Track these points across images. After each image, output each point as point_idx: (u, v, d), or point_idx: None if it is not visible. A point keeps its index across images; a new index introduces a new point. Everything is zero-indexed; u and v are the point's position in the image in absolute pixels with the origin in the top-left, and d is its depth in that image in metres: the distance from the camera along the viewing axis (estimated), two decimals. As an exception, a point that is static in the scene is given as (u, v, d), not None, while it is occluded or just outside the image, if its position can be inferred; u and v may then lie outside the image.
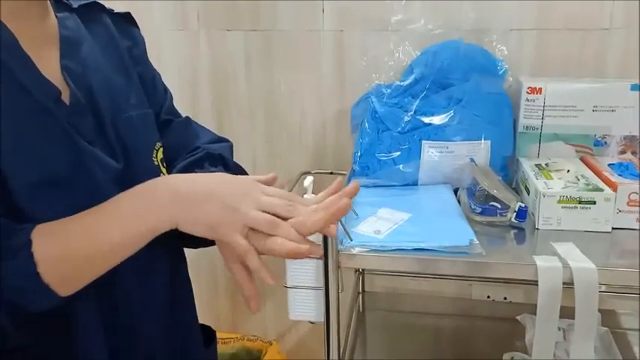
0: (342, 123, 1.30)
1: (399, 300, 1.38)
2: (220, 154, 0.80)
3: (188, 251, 0.82)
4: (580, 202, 0.89)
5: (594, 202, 0.89)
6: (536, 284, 0.78)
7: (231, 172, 0.78)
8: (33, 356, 0.61)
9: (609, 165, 0.99)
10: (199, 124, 0.87)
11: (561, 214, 0.90)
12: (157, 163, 0.73)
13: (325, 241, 0.83)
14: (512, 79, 1.13)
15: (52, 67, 0.63)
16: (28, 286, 0.54)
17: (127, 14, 0.79)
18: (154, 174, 0.72)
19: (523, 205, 0.90)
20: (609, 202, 0.89)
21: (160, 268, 0.73)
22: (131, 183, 0.64)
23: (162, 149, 0.75)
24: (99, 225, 0.59)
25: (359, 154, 1.06)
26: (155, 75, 0.82)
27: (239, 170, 0.83)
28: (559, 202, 0.89)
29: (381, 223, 0.90)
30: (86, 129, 0.64)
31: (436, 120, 1.04)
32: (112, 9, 0.77)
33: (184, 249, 0.81)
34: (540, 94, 1.06)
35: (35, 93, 0.59)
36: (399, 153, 1.04)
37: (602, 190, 0.90)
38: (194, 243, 0.72)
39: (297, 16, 1.27)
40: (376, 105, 1.07)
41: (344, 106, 1.28)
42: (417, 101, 1.06)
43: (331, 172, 1.27)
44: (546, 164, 1.01)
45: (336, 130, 1.33)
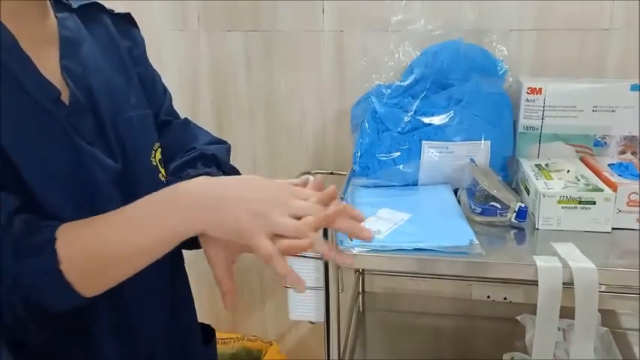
0: (342, 123, 1.30)
1: (399, 300, 1.38)
2: (214, 154, 0.80)
3: (189, 252, 0.82)
4: (580, 203, 0.89)
5: (594, 203, 0.89)
6: (536, 284, 0.78)
7: (225, 174, 0.78)
8: (50, 355, 0.61)
9: (609, 165, 0.99)
10: (198, 125, 0.87)
11: (561, 214, 0.90)
12: (155, 163, 0.73)
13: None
14: (512, 79, 1.13)
15: (51, 68, 0.63)
16: (49, 283, 0.54)
17: (127, 15, 0.79)
18: (152, 174, 0.72)
19: (523, 206, 0.90)
20: (609, 203, 0.89)
21: (160, 267, 0.73)
22: (130, 183, 0.63)
23: (160, 150, 0.75)
24: (121, 228, 0.58)
25: (359, 154, 1.06)
26: (155, 76, 0.82)
27: (234, 172, 0.82)
28: (559, 202, 0.89)
29: (381, 223, 0.90)
30: (86, 129, 0.64)
31: (436, 120, 1.04)
32: (112, 9, 0.77)
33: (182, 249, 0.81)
34: (540, 94, 1.06)
35: (35, 93, 0.59)
36: (399, 153, 1.04)
37: (602, 191, 0.90)
38: (189, 244, 0.72)
39: (297, 17, 1.27)
40: (376, 105, 1.07)
41: (344, 107, 1.28)
42: (417, 101, 1.07)
43: (331, 173, 1.27)
44: (546, 164, 1.01)
45: (336, 131, 1.33)
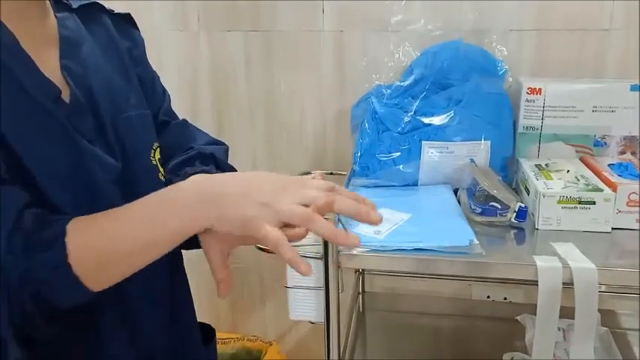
0: (342, 123, 1.30)
1: (398, 300, 1.38)
2: (212, 153, 0.80)
3: (189, 252, 0.82)
4: (580, 203, 0.89)
5: (594, 203, 0.89)
6: (536, 284, 0.78)
7: (224, 172, 0.78)
8: (58, 351, 0.62)
9: (609, 165, 0.99)
10: (196, 126, 0.87)
11: (561, 214, 0.90)
12: (154, 162, 0.73)
13: (325, 242, 0.83)
14: (512, 79, 1.13)
15: (52, 67, 0.63)
16: (58, 277, 0.54)
17: (127, 15, 0.79)
18: (152, 174, 0.72)
19: (523, 206, 0.90)
20: (609, 203, 0.89)
21: (160, 267, 0.73)
22: (130, 182, 0.63)
23: (159, 149, 0.75)
24: (126, 224, 0.58)
25: (359, 154, 1.06)
26: (154, 76, 0.82)
27: (232, 171, 0.82)
28: (559, 202, 0.89)
29: (381, 223, 0.90)
30: (86, 128, 0.64)
31: (436, 120, 1.04)
32: (112, 10, 0.77)
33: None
34: (540, 94, 1.06)
35: (35, 92, 0.59)
36: (399, 153, 1.04)
37: (602, 191, 0.90)
38: (189, 244, 0.72)
39: (297, 17, 1.27)
40: (376, 105, 1.07)
41: (344, 107, 1.28)
42: (417, 102, 1.06)
43: (331, 173, 1.27)
44: (546, 164, 1.02)
45: (336, 131, 1.33)
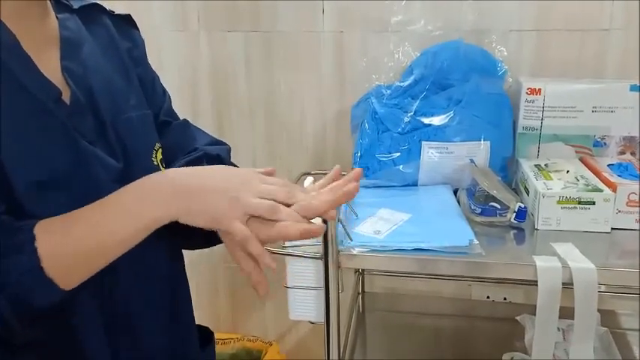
0: (342, 124, 1.30)
1: (398, 300, 1.38)
2: (218, 154, 0.81)
3: (188, 252, 0.82)
4: (579, 203, 0.89)
5: (594, 203, 0.89)
6: (536, 284, 0.78)
7: None
8: (41, 354, 0.61)
9: (609, 165, 1.00)
10: (197, 127, 0.87)
11: (561, 214, 0.90)
12: (156, 163, 0.73)
13: (325, 242, 0.83)
14: (511, 79, 1.13)
15: (52, 68, 0.63)
16: (32, 281, 0.54)
17: (128, 16, 0.79)
18: None
19: (522, 206, 0.90)
20: (608, 203, 0.89)
21: (160, 268, 0.73)
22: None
23: (161, 150, 0.75)
24: (100, 220, 0.59)
25: (359, 154, 1.06)
26: (155, 77, 0.82)
27: None
28: (558, 202, 0.90)
29: (381, 223, 0.90)
30: (87, 129, 0.64)
31: (436, 121, 1.04)
32: (113, 10, 0.77)
33: (182, 250, 0.81)
34: (540, 94, 1.06)
35: (36, 93, 0.59)
36: (398, 154, 1.04)
37: (602, 191, 0.90)
38: (192, 244, 0.72)
39: (297, 17, 1.27)
40: (376, 106, 1.08)
41: (344, 107, 1.28)
42: (417, 102, 1.07)
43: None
44: (546, 165, 1.02)
45: (336, 131, 1.33)
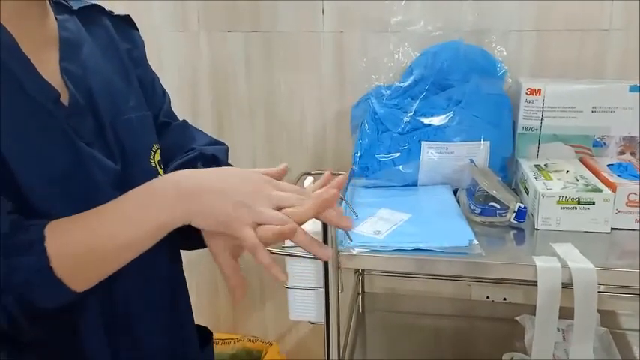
0: (342, 124, 1.30)
1: (398, 300, 1.38)
2: (213, 154, 0.81)
3: (189, 252, 0.82)
4: (579, 203, 0.89)
5: (593, 203, 0.89)
6: (536, 285, 0.78)
7: None
8: (41, 353, 0.62)
9: (608, 166, 1.00)
10: (196, 127, 0.87)
11: (560, 214, 0.90)
12: (154, 164, 0.73)
13: (325, 242, 0.83)
14: (511, 80, 1.13)
15: (51, 69, 0.63)
16: (41, 280, 0.54)
17: (127, 17, 0.79)
18: (151, 176, 0.72)
19: (522, 206, 0.90)
20: (608, 203, 0.89)
21: (160, 269, 0.73)
22: (129, 185, 0.64)
23: (159, 151, 0.75)
24: (106, 224, 0.59)
25: (359, 154, 1.06)
26: (154, 78, 0.82)
27: None
28: (558, 202, 0.90)
29: (381, 223, 0.90)
30: (85, 130, 0.64)
31: (436, 121, 1.04)
32: (112, 11, 0.77)
33: (181, 250, 0.81)
34: (539, 95, 1.06)
35: (34, 94, 0.59)
36: (398, 154, 1.04)
37: (601, 191, 0.90)
38: (191, 245, 0.72)
39: (297, 18, 1.28)
40: (376, 106, 1.08)
41: (344, 107, 1.28)
42: (417, 102, 1.07)
43: (332, 174, 1.27)
44: (545, 165, 1.02)
45: (336, 131, 1.33)
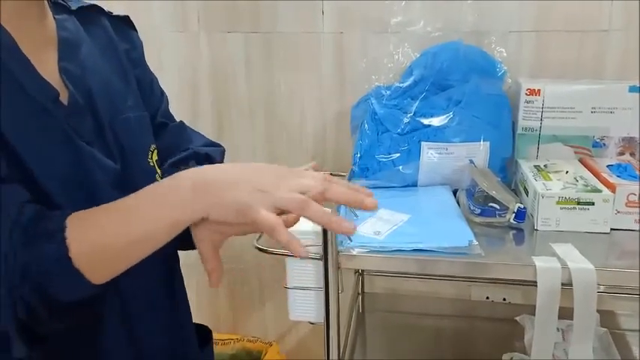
0: (341, 124, 1.30)
1: (398, 301, 1.38)
2: (207, 153, 0.81)
3: (189, 253, 0.82)
4: (579, 203, 0.89)
5: (593, 203, 0.89)
6: (535, 285, 0.78)
7: None
8: (58, 350, 0.62)
9: (608, 166, 1.00)
10: (194, 129, 0.87)
11: (560, 215, 0.90)
12: (152, 164, 0.73)
13: (325, 242, 0.83)
14: (511, 80, 1.13)
15: (50, 69, 0.63)
16: (59, 270, 0.54)
17: (126, 17, 0.79)
18: (149, 175, 0.72)
19: (522, 206, 0.90)
20: (608, 203, 0.89)
21: (159, 270, 0.73)
22: (129, 184, 0.64)
23: (156, 151, 0.75)
24: (127, 217, 0.58)
25: (358, 155, 1.06)
26: (153, 78, 0.82)
27: None
28: (558, 203, 0.90)
29: (381, 224, 0.90)
30: (85, 130, 0.64)
31: (435, 121, 1.04)
32: (111, 12, 0.77)
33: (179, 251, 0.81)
34: (539, 95, 1.06)
35: (34, 94, 0.59)
36: (398, 154, 1.04)
37: (601, 191, 0.90)
38: (189, 245, 0.72)
39: (297, 18, 1.28)
40: (376, 106, 1.08)
41: (344, 108, 1.28)
42: (417, 103, 1.07)
43: (331, 174, 1.27)
44: (545, 165, 1.02)
45: (336, 132, 1.33)
